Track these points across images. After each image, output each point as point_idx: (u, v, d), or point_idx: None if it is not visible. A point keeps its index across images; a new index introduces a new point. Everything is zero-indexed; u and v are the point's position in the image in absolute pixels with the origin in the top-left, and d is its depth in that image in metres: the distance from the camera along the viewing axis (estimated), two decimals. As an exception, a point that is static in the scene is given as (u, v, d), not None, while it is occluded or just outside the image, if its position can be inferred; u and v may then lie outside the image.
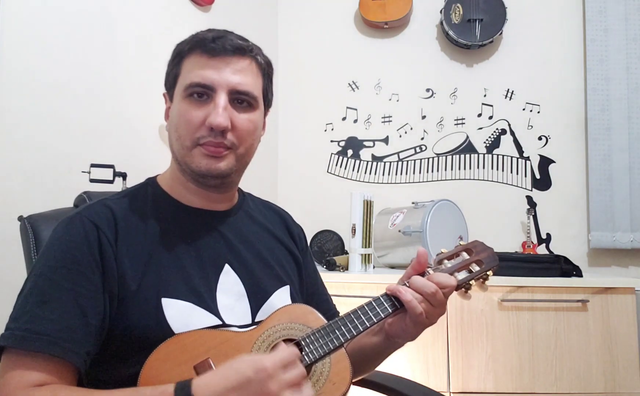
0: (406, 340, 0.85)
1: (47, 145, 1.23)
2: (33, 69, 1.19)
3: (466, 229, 2.08)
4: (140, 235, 0.81)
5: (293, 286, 0.93)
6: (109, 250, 0.76)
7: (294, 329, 0.79)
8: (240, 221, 0.93)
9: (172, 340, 0.73)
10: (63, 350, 0.68)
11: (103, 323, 0.74)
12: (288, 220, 1.04)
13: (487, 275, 0.89)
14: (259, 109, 0.86)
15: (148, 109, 1.65)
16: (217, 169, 0.81)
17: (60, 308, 0.70)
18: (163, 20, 1.74)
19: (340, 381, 0.75)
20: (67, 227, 0.78)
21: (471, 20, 2.30)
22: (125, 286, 0.75)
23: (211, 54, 0.81)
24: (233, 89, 0.81)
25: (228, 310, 0.81)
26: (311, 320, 0.81)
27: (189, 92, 0.81)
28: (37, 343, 0.67)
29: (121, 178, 1.36)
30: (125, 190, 0.90)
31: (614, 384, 1.66)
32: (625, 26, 2.24)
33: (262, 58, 0.88)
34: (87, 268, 0.74)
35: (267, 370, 0.62)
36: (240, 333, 0.78)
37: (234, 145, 0.82)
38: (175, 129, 0.84)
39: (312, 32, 2.56)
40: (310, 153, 2.53)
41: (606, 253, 2.25)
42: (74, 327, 0.70)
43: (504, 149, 2.38)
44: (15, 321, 0.70)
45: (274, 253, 0.94)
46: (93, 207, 0.82)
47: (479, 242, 0.92)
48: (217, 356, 0.72)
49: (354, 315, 0.80)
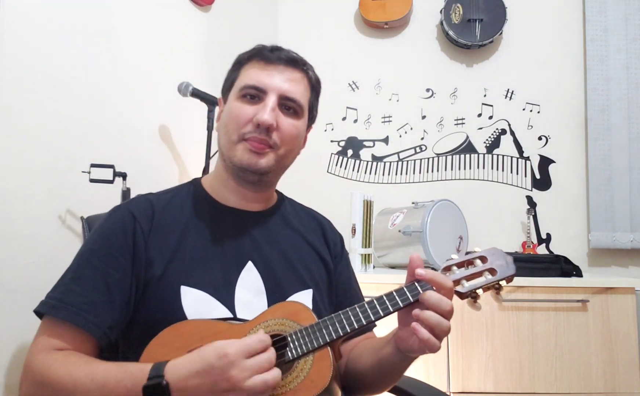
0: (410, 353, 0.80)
1: (47, 145, 1.23)
2: (33, 69, 1.19)
3: (466, 229, 2.08)
4: (173, 227, 0.88)
5: (318, 291, 0.94)
6: (141, 239, 0.84)
7: (285, 325, 0.80)
8: (272, 223, 0.97)
9: (173, 327, 0.78)
10: (84, 321, 0.77)
11: (128, 305, 0.82)
12: (326, 226, 1.07)
13: (500, 285, 0.83)
14: (303, 118, 0.94)
15: (148, 109, 1.65)
16: (257, 164, 0.88)
17: (90, 284, 0.80)
18: (163, 20, 1.74)
19: (319, 379, 0.74)
20: (111, 216, 0.88)
21: (471, 20, 2.30)
22: (151, 272, 0.83)
23: (267, 62, 0.90)
24: (283, 95, 0.89)
25: (244, 305, 0.84)
26: (302, 318, 0.81)
27: (243, 93, 0.89)
28: (63, 312, 0.77)
29: (121, 178, 1.36)
30: (172, 188, 0.98)
31: (614, 384, 1.66)
32: (625, 26, 2.24)
33: (313, 74, 0.97)
34: (120, 253, 0.83)
35: (229, 357, 0.65)
36: (234, 326, 0.80)
37: (276, 145, 0.89)
38: (225, 125, 0.91)
39: (312, 32, 2.56)
40: (310, 153, 2.51)
41: (606, 253, 2.25)
42: (98, 303, 0.79)
43: (504, 149, 2.38)
44: (53, 291, 0.81)
45: (302, 256, 0.96)
46: (137, 199, 0.92)
47: (497, 250, 0.86)
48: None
49: (343, 316, 0.79)
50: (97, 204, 1.25)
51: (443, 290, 0.78)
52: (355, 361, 0.93)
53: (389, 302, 0.79)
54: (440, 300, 0.76)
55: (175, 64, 1.79)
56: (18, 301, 1.11)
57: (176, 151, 1.80)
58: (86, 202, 1.30)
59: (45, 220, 1.22)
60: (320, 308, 0.92)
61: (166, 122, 1.75)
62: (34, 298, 0.83)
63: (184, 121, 1.82)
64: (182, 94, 1.65)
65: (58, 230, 1.26)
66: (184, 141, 1.83)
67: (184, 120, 1.82)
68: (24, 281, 1.14)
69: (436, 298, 0.76)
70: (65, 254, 1.10)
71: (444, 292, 0.78)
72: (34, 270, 1.17)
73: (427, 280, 0.78)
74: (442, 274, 0.81)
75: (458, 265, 0.84)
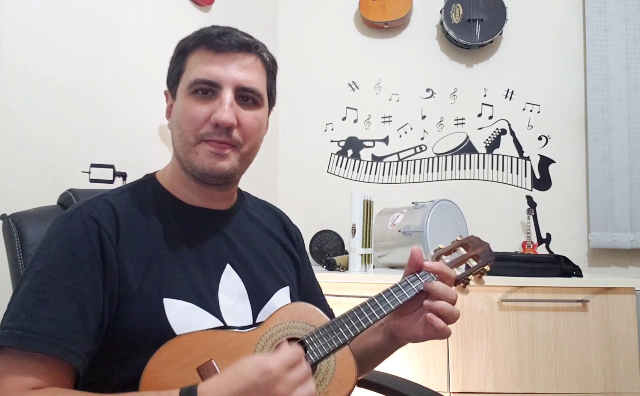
0: (413, 341, 0.85)
1: (47, 145, 1.23)
2: (33, 69, 1.19)
3: (466, 229, 2.08)
4: (141, 232, 0.79)
5: (292, 287, 0.93)
6: (110, 247, 0.74)
7: (297, 328, 0.79)
8: (240, 220, 0.92)
9: (173, 342, 0.71)
10: (63, 351, 0.66)
11: (102, 324, 0.72)
12: (286, 220, 1.03)
13: (484, 270, 0.91)
14: (263, 107, 0.85)
15: (148, 109, 1.65)
16: (220, 169, 0.80)
17: (60, 307, 0.68)
18: (163, 20, 1.74)
19: (347, 379, 0.75)
20: (67, 223, 0.75)
21: (471, 20, 2.30)
22: (127, 285, 0.73)
23: (217, 50, 0.80)
24: (239, 86, 0.80)
25: (229, 311, 0.80)
26: (313, 318, 0.80)
27: (193, 88, 0.80)
28: (37, 343, 0.65)
29: (121, 178, 1.36)
30: (124, 186, 0.87)
31: (614, 384, 1.66)
32: (625, 26, 2.24)
33: (267, 55, 0.86)
34: (88, 266, 0.71)
35: (273, 372, 0.61)
36: (243, 334, 0.77)
37: (239, 143, 0.81)
38: (178, 126, 0.82)
39: (312, 32, 2.56)
40: (310, 153, 2.53)
41: (606, 253, 2.25)
42: (74, 327, 0.68)
43: (504, 149, 2.38)
44: (13, 319, 0.67)
45: (274, 253, 0.94)
46: (93, 202, 0.79)
47: (474, 237, 0.95)
48: (220, 357, 0.71)
49: (357, 313, 0.80)
50: (97, 204, 1.24)
51: (447, 280, 0.83)
52: None
53: (396, 295, 0.82)
54: (447, 289, 0.81)
55: (175, 64, 1.79)
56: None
57: (176, 151, 1.80)
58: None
59: (45, 220, 1.22)
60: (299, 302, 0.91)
61: (166, 122, 1.74)
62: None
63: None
64: (182, 94, 1.65)
65: (58, 230, 1.25)
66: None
67: (184, 120, 1.82)
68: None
69: (444, 288, 0.80)
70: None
71: (447, 282, 0.82)
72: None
73: (436, 271, 0.82)
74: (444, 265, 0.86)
75: (446, 253, 0.91)
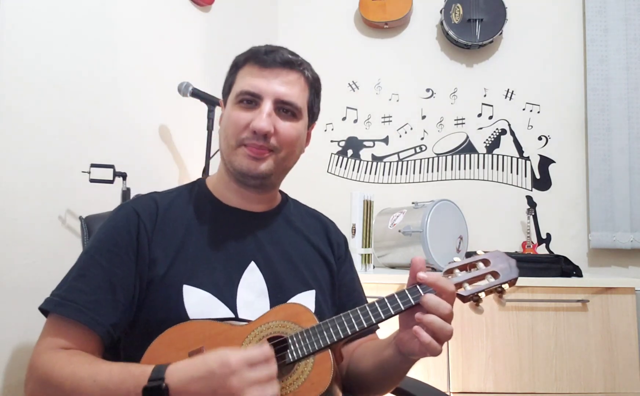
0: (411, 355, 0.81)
1: (47, 145, 1.23)
2: (33, 69, 1.19)
3: (466, 229, 2.08)
4: (176, 226, 0.89)
5: (321, 291, 0.94)
6: (145, 237, 0.85)
7: (286, 327, 0.80)
8: (275, 224, 0.98)
9: (177, 327, 0.78)
10: (88, 319, 0.77)
11: (132, 303, 0.82)
12: (330, 228, 1.07)
13: (502, 289, 0.82)
14: (302, 120, 0.94)
15: (148, 109, 1.65)
16: (257, 169, 0.88)
17: (94, 283, 0.80)
18: (163, 20, 1.74)
19: (319, 381, 0.75)
20: (115, 214, 0.89)
21: (471, 20, 2.30)
22: (155, 271, 0.83)
23: (263, 65, 0.90)
24: (278, 99, 0.89)
25: (246, 305, 0.85)
26: (303, 320, 0.81)
27: (239, 98, 0.90)
28: (68, 309, 0.77)
29: (121, 178, 1.36)
30: (176, 187, 0.99)
31: (614, 384, 1.66)
32: (625, 26, 2.24)
33: (310, 73, 0.96)
34: (124, 252, 0.83)
35: (231, 366, 0.65)
36: (237, 327, 0.80)
37: (276, 149, 0.89)
38: (224, 130, 0.92)
39: (312, 32, 2.56)
40: (310, 153, 2.50)
41: (606, 253, 2.25)
42: (102, 301, 0.79)
43: (504, 149, 2.38)
44: (58, 288, 0.81)
45: (305, 257, 0.96)
46: (141, 198, 0.93)
47: (499, 253, 0.86)
48: (211, 346, 0.74)
49: (345, 318, 0.79)
50: (97, 204, 1.24)
51: (445, 294, 0.77)
52: (357, 363, 0.92)
53: (390, 305, 0.79)
54: (439, 303, 0.76)
55: (175, 64, 1.79)
56: (18, 301, 1.11)
57: (176, 151, 1.80)
58: (86, 202, 1.30)
59: (45, 220, 1.22)
60: (323, 309, 0.92)
61: (166, 122, 1.75)
62: (33, 298, 0.83)
63: (184, 121, 1.82)
64: (182, 94, 1.65)
65: (58, 230, 1.26)
66: (184, 141, 1.83)
67: (184, 120, 1.82)
68: (24, 281, 1.14)
69: (435, 302, 0.76)
70: (65, 254, 1.11)
71: (445, 296, 0.77)
72: (34, 270, 1.17)
73: (429, 284, 0.78)
74: (445, 277, 0.81)
75: (460, 268, 0.83)
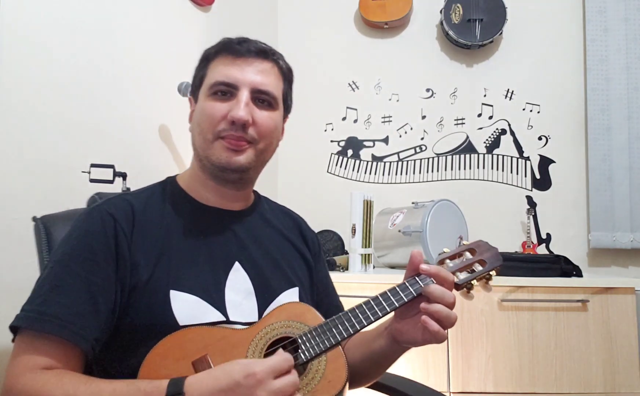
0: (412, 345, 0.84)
1: (47, 145, 1.23)
2: (33, 69, 1.19)
3: (466, 229, 2.08)
4: (155, 228, 0.84)
5: (303, 288, 0.94)
6: (124, 241, 0.79)
7: (292, 327, 0.79)
8: (254, 222, 0.95)
9: (172, 336, 0.74)
10: (71, 334, 0.71)
11: (113, 312, 0.76)
12: (302, 225, 1.06)
13: (490, 275, 0.88)
14: (278, 110, 0.91)
15: (148, 109, 1.65)
16: (236, 162, 0.85)
17: (73, 294, 0.73)
18: (163, 20, 1.74)
19: (336, 379, 0.75)
20: (87, 218, 0.81)
21: (471, 20, 2.30)
22: (137, 276, 0.78)
23: (236, 55, 0.87)
24: (255, 88, 0.86)
25: (235, 307, 0.83)
26: (309, 318, 0.81)
27: (213, 90, 0.86)
28: (48, 324, 0.70)
29: (121, 178, 1.36)
30: (145, 187, 0.94)
31: (614, 384, 1.66)
32: (625, 26, 2.24)
33: (283, 63, 0.94)
34: (102, 258, 0.77)
35: (256, 376, 0.63)
36: (239, 331, 0.78)
37: (255, 140, 0.86)
38: (198, 125, 0.88)
39: (312, 32, 2.56)
40: (310, 153, 2.53)
41: (606, 253, 2.25)
42: (84, 313, 0.73)
43: (504, 149, 2.38)
44: (30, 303, 0.74)
45: (285, 255, 0.96)
46: (112, 200, 0.85)
47: (483, 242, 0.92)
48: (214, 353, 0.72)
49: (351, 314, 0.80)
50: (97, 204, 1.24)
51: (446, 284, 0.81)
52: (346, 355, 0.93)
53: (393, 298, 0.81)
54: (444, 292, 0.79)
55: (175, 64, 1.79)
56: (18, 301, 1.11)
57: (176, 151, 1.80)
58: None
59: (45, 220, 1.22)
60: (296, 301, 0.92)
61: (166, 122, 1.75)
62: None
63: (184, 121, 1.81)
64: (182, 94, 1.65)
65: (58, 230, 1.26)
66: (184, 141, 1.83)
67: (184, 120, 1.81)
68: (24, 281, 1.14)
69: (440, 291, 0.79)
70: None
71: (446, 285, 0.81)
72: (34, 270, 1.16)
73: (432, 275, 0.81)
74: (443, 269, 0.84)
75: (450, 257, 0.88)
